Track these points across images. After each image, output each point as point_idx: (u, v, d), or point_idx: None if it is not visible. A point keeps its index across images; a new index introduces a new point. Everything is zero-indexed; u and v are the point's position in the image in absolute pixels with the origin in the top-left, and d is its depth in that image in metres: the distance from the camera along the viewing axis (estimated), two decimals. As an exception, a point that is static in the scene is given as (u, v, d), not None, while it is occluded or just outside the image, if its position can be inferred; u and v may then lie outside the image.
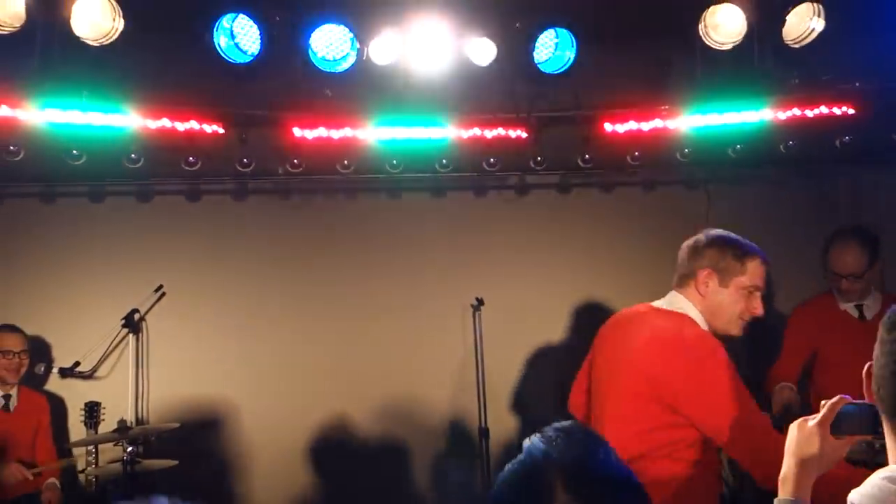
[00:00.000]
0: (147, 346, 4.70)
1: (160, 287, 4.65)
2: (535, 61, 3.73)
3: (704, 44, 3.62)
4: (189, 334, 4.76)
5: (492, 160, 4.33)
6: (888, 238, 3.97)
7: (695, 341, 2.40)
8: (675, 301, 2.57)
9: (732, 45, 3.61)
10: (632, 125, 4.00)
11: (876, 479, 1.31)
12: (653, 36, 3.97)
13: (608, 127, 4.04)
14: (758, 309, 2.49)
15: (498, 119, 4.06)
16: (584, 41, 3.71)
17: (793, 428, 1.62)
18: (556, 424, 1.35)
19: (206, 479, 4.60)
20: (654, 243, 5.02)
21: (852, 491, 1.34)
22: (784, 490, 1.59)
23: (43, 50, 3.44)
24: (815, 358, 3.83)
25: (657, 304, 2.63)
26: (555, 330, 4.94)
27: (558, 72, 3.78)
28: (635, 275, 4.99)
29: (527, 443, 1.33)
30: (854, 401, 1.58)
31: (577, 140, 4.20)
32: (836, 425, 1.56)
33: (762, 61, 3.71)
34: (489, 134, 4.06)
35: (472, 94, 3.93)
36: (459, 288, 4.81)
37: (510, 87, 4.02)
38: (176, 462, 3.73)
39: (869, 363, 1.37)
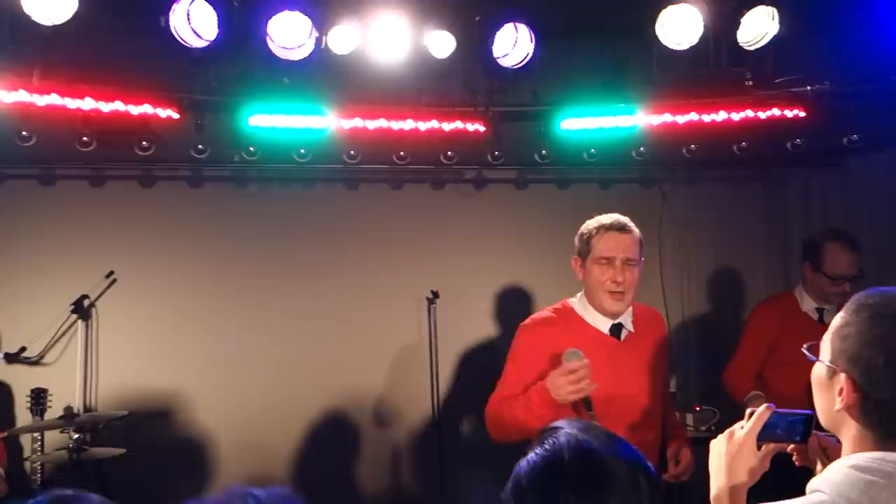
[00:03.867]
0: (97, 333, 4.62)
1: (111, 273, 4.57)
2: (494, 56, 3.74)
3: (661, 43, 3.66)
4: (140, 321, 4.70)
5: (449, 153, 4.33)
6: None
7: None
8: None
9: (688, 45, 3.66)
10: (588, 122, 4.03)
11: (841, 466, 1.30)
12: (611, 34, 4.00)
13: (565, 123, 4.06)
14: (616, 274, 2.63)
15: (456, 112, 4.06)
16: (544, 37, 3.73)
17: (720, 442, 1.55)
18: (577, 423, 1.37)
19: (156, 468, 4.54)
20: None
21: (813, 479, 1.34)
22: None
23: (-6, 30, 3.37)
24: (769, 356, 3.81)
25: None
26: (508, 324, 4.97)
27: (517, 67, 3.80)
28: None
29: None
30: (780, 410, 1.57)
31: (535, 136, 4.22)
32: (761, 435, 1.55)
33: (717, 62, 3.77)
34: (447, 127, 4.05)
35: (431, 87, 3.93)
36: (415, 280, 4.82)
37: (469, 80, 4.02)
38: (124, 450, 3.67)
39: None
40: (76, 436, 3.48)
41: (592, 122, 4.03)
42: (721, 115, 4.03)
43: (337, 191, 4.90)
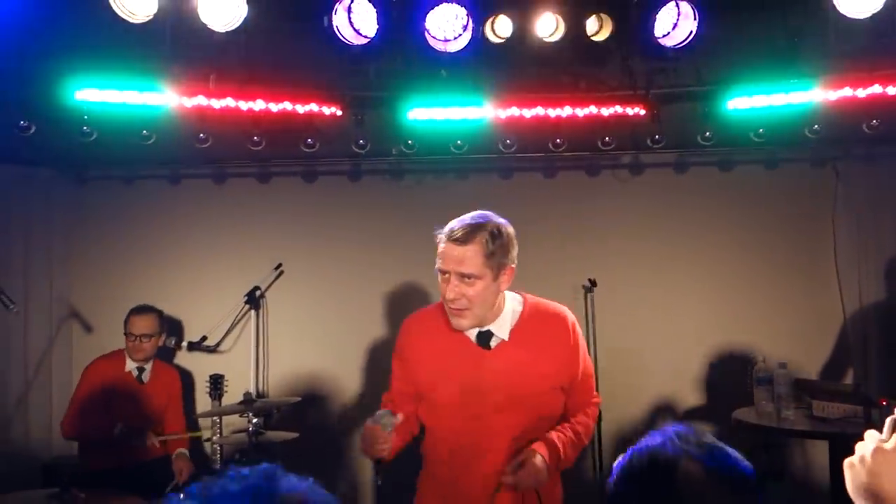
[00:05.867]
0: (266, 322, 4.87)
1: (279, 265, 4.80)
2: (655, 36, 3.62)
3: (838, 13, 3.42)
4: (305, 310, 4.91)
5: (607, 139, 4.24)
6: None
7: None
8: None
9: (870, 13, 3.39)
10: (757, 100, 3.82)
11: None
12: (781, 6, 3.77)
13: (732, 103, 3.87)
14: (447, 289, 2.32)
15: (615, 97, 3.96)
16: (708, 13, 3.57)
17: (869, 462, 1.26)
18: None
19: (323, 451, 4.74)
20: (774, 224, 4.84)
21: None
22: None
23: (173, 38, 3.60)
24: None
25: None
26: (670, 313, 4.82)
27: (679, 46, 3.66)
28: (754, 258, 4.82)
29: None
30: None
31: (698, 117, 4.06)
32: None
33: (904, 30, 3.47)
34: (606, 112, 3.96)
35: (589, 72, 3.84)
36: (571, 269, 4.75)
37: (628, 63, 3.91)
38: (297, 434, 3.85)
39: None
40: (255, 420, 3.66)
41: (762, 101, 3.82)
42: (907, 87, 3.72)
43: (491, 180, 4.91)
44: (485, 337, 2.39)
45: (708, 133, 4.11)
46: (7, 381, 4.62)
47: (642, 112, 3.98)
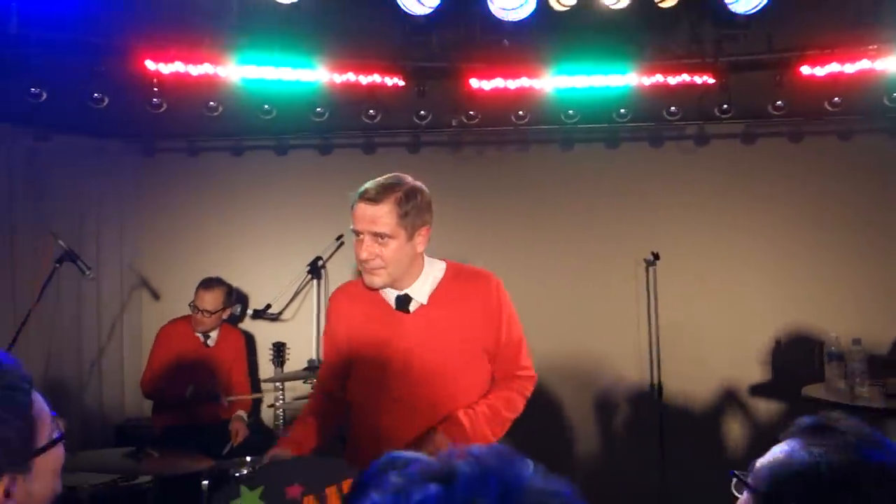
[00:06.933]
0: (328, 291, 4.93)
1: (340, 236, 4.84)
2: (726, 2, 3.52)
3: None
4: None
5: (672, 109, 4.14)
6: None
7: None
8: None
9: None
10: (834, 68, 3.68)
11: None
12: (860, -32, 3.62)
13: (806, 70, 3.74)
14: (360, 249, 2.27)
15: (683, 65, 3.86)
16: (782, -23, 3.45)
17: None
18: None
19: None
20: (847, 196, 4.69)
21: None
22: None
23: (239, 10, 3.64)
24: None
25: None
26: (735, 287, 4.72)
27: (751, 13, 3.54)
28: (826, 232, 4.68)
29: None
30: None
31: (769, 86, 3.92)
32: None
33: None
34: (673, 81, 3.87)
35: (656, 39, 3.75)
36: (633, 242, 4.68)
37: (697, 30, 3.80)
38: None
39: None
40: (318, 386, 3.72)
41: (838, 68, 3.68)
42: None
43: (552, 152, 4.86)
44: (403, 301, 2.36)
45: (779, 102, 3.98)
46: (82, 346, 4.80)
47: (711, 81, 3.87)
